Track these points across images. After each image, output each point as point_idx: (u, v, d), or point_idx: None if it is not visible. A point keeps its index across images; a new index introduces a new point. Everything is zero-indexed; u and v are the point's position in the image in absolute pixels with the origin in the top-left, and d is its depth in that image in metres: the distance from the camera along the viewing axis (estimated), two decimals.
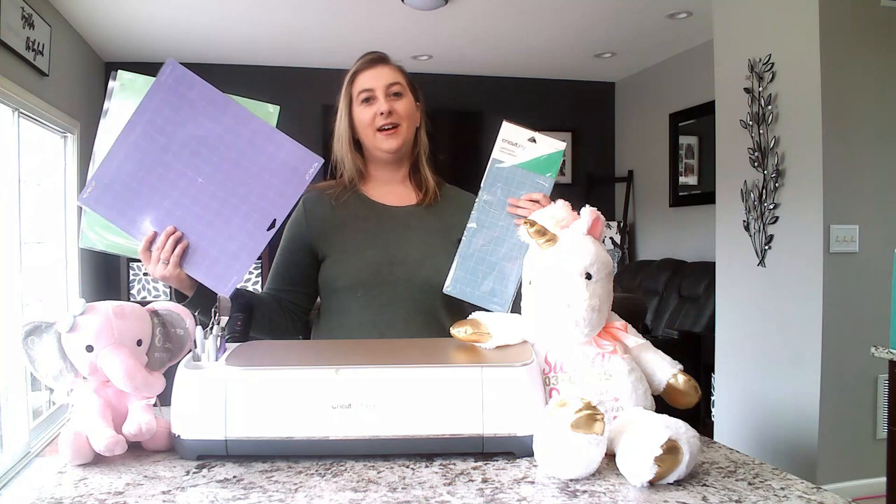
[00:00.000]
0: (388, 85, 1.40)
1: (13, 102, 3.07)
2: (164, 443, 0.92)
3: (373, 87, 1.39)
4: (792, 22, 2.67)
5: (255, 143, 1.17)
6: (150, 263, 1.16)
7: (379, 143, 1.40)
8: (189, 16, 3.83)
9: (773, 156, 2.75)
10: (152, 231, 1.15)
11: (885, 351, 1.90)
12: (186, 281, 1.19)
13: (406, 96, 1.42)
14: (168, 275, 1.16)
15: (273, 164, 1.17)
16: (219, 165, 1.16)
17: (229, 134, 1.17)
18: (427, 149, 1.49)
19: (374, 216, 1.43)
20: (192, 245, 1.16)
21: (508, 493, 0.78)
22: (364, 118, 1.40)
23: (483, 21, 3.96)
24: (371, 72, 1.41)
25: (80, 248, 1.22)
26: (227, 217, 1.15)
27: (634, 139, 5.32)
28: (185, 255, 1.16)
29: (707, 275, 3.75)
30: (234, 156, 1.17)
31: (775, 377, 2.78)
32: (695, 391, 0.96)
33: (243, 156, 1.17)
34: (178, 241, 1.15)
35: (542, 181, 1.24)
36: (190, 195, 1.16)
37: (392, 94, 1.40)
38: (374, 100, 1.40)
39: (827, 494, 0.78)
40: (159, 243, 1.14)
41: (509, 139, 1.28)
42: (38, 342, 0.93)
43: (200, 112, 1.16)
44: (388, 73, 1.41)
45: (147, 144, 1.15)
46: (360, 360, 0.95)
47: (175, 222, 1.15)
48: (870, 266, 2.56)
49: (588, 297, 0.90)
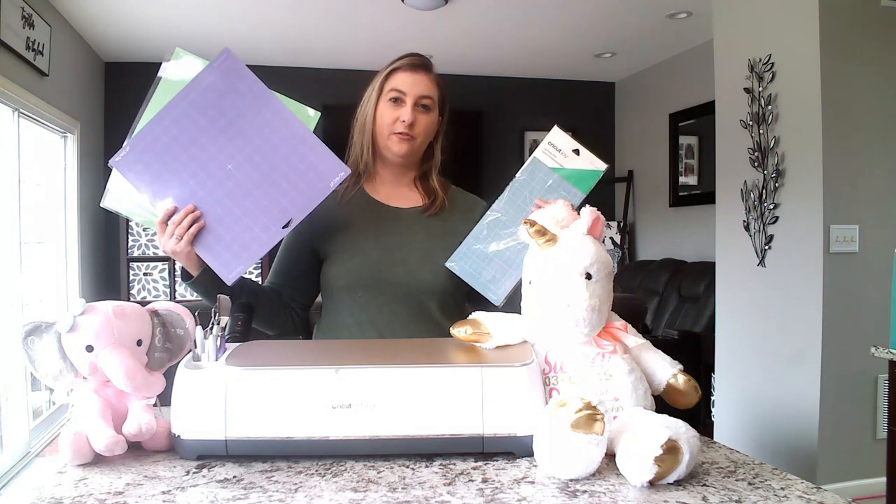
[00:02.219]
0: (420, 95, 1.39)
1: (13, 102, 3.07)
2: (164, 443, 0.92)
3: (406, 91, 1.39)
4: (792, 22, 2.67)
5: (289, 142, 1.20)
6: (164, 237, 1.18)
7: (391, 144, 1.41)
8: (189, 16, 3.83)
9: (773, 156, 2.75)
10: (173, 206, 1.18)
11: (885, 351, 1.90)
12: (194, 260, 1.21)
13: (433, 111, 1.43)
14: (178, 250, 1.18)
15: (302, 165, 1.20)
16: (251, 156, 1.19)
17: (267, 128, 1.20)
18: (438, 164, 1.50)
19: (378, 217, 1.43)
20: (208, 227, 1.18)
21: (508, 493, 0.78)
22: (386, 117, 1.40)
23: (483, 21, 3.96)
24: (410, 76, 1.40)
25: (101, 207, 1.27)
26: (247, 207, 1.18)
27: (634, 139, 5.32)
28: (199, 236, 1.18)
29: (707, 275, 3.75)
30: (267, 150, 1.20)
31: (775, 377, 2.78)
32: (695, 391, 0.96)
33: (275, 152, 1.20)
34: (195, 220, 1.17)
35: (573, 194, 1.25)
36: (217, 179, 1.18)
37: (421, 105, 1.40)
38: (401, 103, 1.39)
39: (827, 494, 0.78)
40: (177, 218, 1.17)
41: (555, 144, 1.29)
42: (38, 342, 0.93)
43: (244, 103, 1.20)
44: (425, 85, 1.41)
45: (187, 122, 1.18)
46: (360, 360, 0.95)
47: (196, 202, 1.18)
48: (870, 266, 2.56)
49: (588, 297, 0.90)
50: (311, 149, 1.20)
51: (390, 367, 0.89)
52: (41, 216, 3.69)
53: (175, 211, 1.18)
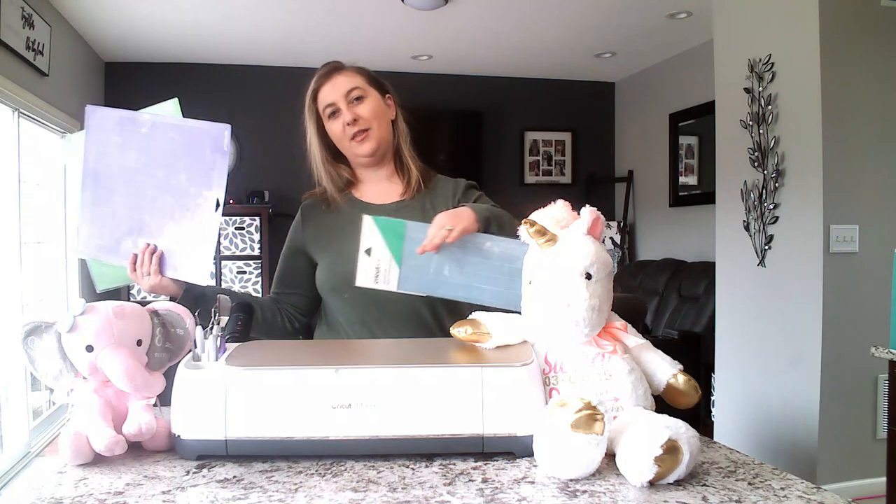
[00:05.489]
0: (346, 93, 1.40)
1: (13, 102, 3.07)
2: (164, 443, 0.92)
3: (333, 99, 1.40)
4: (792, 22, 2.67)
5: (170, 140, 1.25)
6: (139, 280, 1.29)
7: (355, 149, 1.43)
8: (188, 16, 3.82)
9: (773, 156, 2.75)
10: (132, 254, 1.28)
11: (885, 351, 1.90)
12: (172, 286, 1.30)
13: (368, 97, 1.42)
14: (155, 283, 1.28)
15: (193, 151, 1.24)
16: (153, 173, 1.26)
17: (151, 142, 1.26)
18: (407, 136, 1.50)
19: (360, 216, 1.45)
20: (165, 251, 1.28)
21: (508, 493, 0.78)
22: (335, 132, 1.42)
23: (483, 21, 3.96)
24: (328, 85, 1.42)
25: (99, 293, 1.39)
26: (175, 217, 1.26)
27: (634, 139, 5.32)
28: (162, 263, 1.28)
29: (707, 275, 3.75)
30: (161, 159, 1.26)
31: (775, 377, 2.78)
32: (695, 391, 0.96)
33: (168, 156, 1.26)
34: (152, 252, 1.27)
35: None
36: (143, 212, 1.28)
37: (353, 99, 1.40)
38: (338, 112, 1.41)
39: (827, 494, 0.78)
40: (140, 260, 1.28)
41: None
42: (38, 342, 0.93)
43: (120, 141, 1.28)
44: (344, 81, 1.41)
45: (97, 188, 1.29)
46: (360, 360, 0.95)
47: (145, 238, 1.28)
48: (870, 266, 2.56)
49: (588, 297, 0.90)
50: (187, 132, 1.25)
51: (390, 367, 0.89)
52: (41, 216, 3.68)
53: (136, 258, 1.28)
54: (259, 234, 4.53)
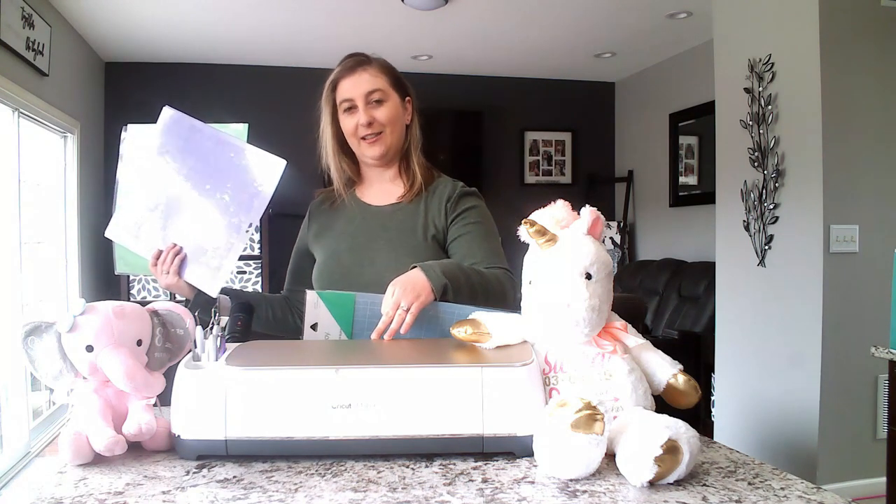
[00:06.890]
0: (367, 93, 1.38)
1: (13, 102, 3.07)
2: (164, 443, 0.92)
3: (352, 96, 1.38)
4: (792, 22, 2.67)
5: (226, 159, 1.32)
6: (158, 275, 1.34)
7: (364, 150, 1.42)
8: (189, 16, 3.82)
9: (773, 156, 2.75)
10: (157, 250, 1.34)
11: (885, 351, 1.90)
12: (186, 288, 1.35)
13: (388, 100, 1.40)
14: (171, 282, 1.33)
15: (244, 174, 1.30)
16: (200, 185, 1.33)
17: (208, 156, 1.33)
18: (419, 143, 1.48)
19: (357, 217, 1.46)
20: (189, 256, 1.34)
21: (508, 493, 0.78)
22: (347, 127, 1.41)
23: (483, 21, 3.96)
24: (351, 80, 1.39)
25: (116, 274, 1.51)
26: (207, 228, 1.33)
27: (634, 139, 5.32)
28: (183, 265, 1.33)
29: (707, 275, 3.75)
30: (212, 173, 1.32)
31: (775, 377, 2.78)
32: (695, 391, 0.96)
33: (218, 174, 1.32)
34: (176, 254, 1.32)
35: None
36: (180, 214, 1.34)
37: (372, 101, 1.38)
38: (355, 109, 1.39)
39: (827, 494, 0.78)
40: (162, 258, 1.33)
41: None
42: (38, 342, 0.93)
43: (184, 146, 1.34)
44: (368, 80, 1.38)
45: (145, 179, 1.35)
46: (360, 360, 0.95)
47: (173, 238, 1.34)
48: (870, 266, 2.56)
49: (588, 297, 0.90)
50: (246, 157, 1.31)
51: (390, 367, 0.89)
52: (41, 216, 3.68)
53: (160, 253, 1.33)
54: (259, 235, 4.53)
